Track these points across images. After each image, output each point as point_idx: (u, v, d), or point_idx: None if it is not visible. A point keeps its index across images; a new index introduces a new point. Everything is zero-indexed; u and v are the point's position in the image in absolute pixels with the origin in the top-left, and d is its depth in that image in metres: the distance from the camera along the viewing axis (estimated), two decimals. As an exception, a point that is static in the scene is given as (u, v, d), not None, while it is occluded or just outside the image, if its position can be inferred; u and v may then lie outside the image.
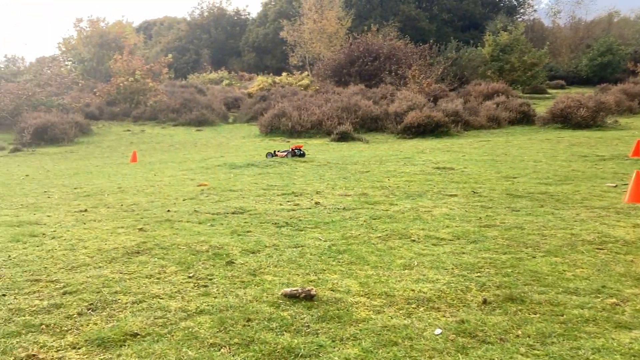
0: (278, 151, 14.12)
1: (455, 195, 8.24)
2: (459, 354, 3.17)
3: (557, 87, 41.80)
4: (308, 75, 37.74)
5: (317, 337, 3.38)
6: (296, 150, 13.86)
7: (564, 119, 20.58)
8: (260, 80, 36.17)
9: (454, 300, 3.99)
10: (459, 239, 5.74)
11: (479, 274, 4.58)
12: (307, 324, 3.56)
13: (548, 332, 3.44)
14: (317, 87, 32.98)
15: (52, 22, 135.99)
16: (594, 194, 8.23)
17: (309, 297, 3.95)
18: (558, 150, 13.82)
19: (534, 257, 5.06)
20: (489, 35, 38.80)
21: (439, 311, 3.80)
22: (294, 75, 37.63)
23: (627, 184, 8.33)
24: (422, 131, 19.75)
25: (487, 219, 6.62)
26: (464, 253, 5.21)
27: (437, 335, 3.41)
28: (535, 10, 57.33)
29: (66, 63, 40.12)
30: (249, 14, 64.55)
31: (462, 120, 21.04)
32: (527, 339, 3.36)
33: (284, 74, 37.87)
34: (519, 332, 3.45)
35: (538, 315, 3.73)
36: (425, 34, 47.61)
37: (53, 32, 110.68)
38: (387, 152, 14.87)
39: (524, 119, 22.47)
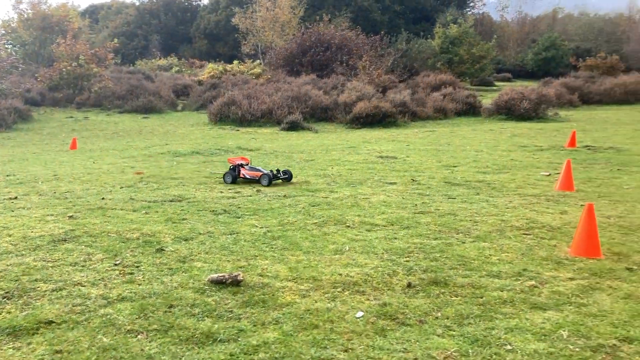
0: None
1: (395, 183, 8.35)
2: (377, 335, 3.21)
3: (504, 79, 42.92)
4: (260, 64, 37.39)
5: (238, 321, 3.36)
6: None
7: (507, 111, 21.14)
8: (210, 68, 35.55)
9: (379, 284, 4.05)
10: (392, 225, 5.82)
11: (407, 258, 4.67)
12: (230, 309, 3.54)
13: (466, 314, 3.54)
14: (269, 76, 32.74)
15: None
16: (528, 182, 8.50)
17: (236, 283, 3.93)
18: (499, 141, 14.19)
19: (463, 243, 5.19)
20: (439, 27, 39.39)
21: (364, 294, 3.85)
22: (245, 63, 37.16)
23: (559, 173, 8.63)
24: (371, 121, 19.89)
25: (423, 206, 6.74)
26: (395, 238, 5.29)
27: (358, 318, 3.45)
28: (484, 5, 58.33)
29: (6, 46, 38.36)
30: (200, 0, 63.41)
31: (410, 110, 21.30)
32: (446, 320, 3.45)
33: (235, 61, 37.32)
34: (439, 314, 3.53)
35: (459, 297, 3.83)
36: (378, 25, 47.87)
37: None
38: (334, 141, 14.93)
39: (470, 110, 22.97)
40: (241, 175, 8.60)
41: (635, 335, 3.22)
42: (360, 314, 3.50)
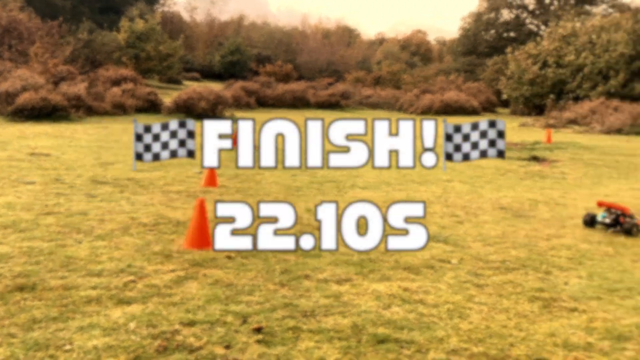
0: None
1: (34, 183, 7.69)
2: None
3: (193, 79, 44.00)
4: None
5: None
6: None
7: (187, 109, 21.70)
8: None
9: (-52, 297, 3.60)
10: (5, 228, 5.31)
11: (3, 265, 4.28)
12: None
13: (41, 318, 3.39)
14: None
15: None
16: (178, 179, 8.79)
17: None
18: (169, 139, 14.41)
19: (80, 243, 5.03)
20: (126, 21, 38.16)
21: None
22: None
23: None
24: (38, 114, 18.11)
25: (54, 207, 6.34)
26: (2, 243, 4.82)
27: None
28: (175, 3, 58.96)
29: None
30: None
31: (85, 105, 20.12)
32: (13, 327, 3.24)
33: None
34: (7, 322, 3.30)
35: (42, 301, 3.66)
36: (59, 10, 43.84)
37: None
38: (-18, 136, 13.10)
39: (152, 107, 22.91)
40: None
41: (199, 318, 3.53)
42: None
